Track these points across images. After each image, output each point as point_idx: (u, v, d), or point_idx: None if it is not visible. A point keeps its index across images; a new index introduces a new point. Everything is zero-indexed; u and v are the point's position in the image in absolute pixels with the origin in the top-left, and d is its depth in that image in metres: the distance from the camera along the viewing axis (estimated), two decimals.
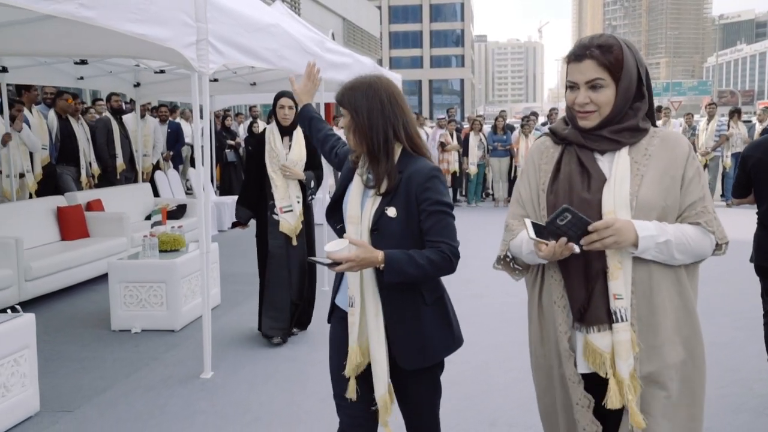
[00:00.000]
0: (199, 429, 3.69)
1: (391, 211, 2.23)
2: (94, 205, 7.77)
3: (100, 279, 6.85)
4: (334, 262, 2.13)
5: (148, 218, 8.62)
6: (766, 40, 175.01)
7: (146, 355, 4.89)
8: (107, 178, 9.37)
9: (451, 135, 13.87)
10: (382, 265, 2.16)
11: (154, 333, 5.36)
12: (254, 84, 9.17)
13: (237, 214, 5.12)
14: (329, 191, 8.57)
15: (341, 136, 2.71)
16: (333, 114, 15.83)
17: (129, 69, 8.08)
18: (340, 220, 2.38)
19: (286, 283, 4.96)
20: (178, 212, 8.97)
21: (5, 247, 5.90)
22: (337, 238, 2.25)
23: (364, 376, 2.33)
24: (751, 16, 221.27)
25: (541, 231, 1.88)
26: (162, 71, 7.76)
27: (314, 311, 5.32)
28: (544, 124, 14.75)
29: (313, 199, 5.10)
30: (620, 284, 1.90)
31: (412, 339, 2.28)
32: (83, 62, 6.92)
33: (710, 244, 1.95)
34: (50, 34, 4.75)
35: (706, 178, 2.04)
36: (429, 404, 2.43)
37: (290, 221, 4.88)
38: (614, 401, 1.92)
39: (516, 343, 4.86)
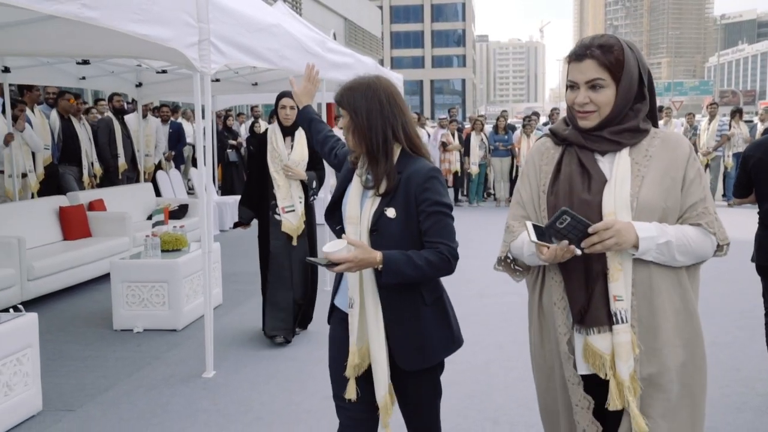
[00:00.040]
0: (201, 428, 3.70)
1: (390, 212, 2.22)
2: (96, 205, 7.79)
3: (102, 279, 6.87)
4: (332, 262, 2.12)
5: (149, 218, 8.63)
6: None
7: (148, 354, 4.90)
8: (109, 178, 9.39)
9: (453, 135, 13.87)
10: (380, 266, 2.15)
11: (156, 332, 5.37)
12: (256, 84, 9.19)
13: (239, 214, 5.14)
14: (331, 191, 8.55)
15: (341, 137, 2.72)
16: (335, 114, 15.83)
17: (131, 69, 8.10)
18: (340, 221, 2.37)
19: (288, 283, 4.97)
20: (179, 212, 8.99)
21: (8, 246, 5.92)
22: (336, 239, 2.25)
23: (364, 376, 2.32)
24: (752, 15, 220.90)
25: (543, 233, 1.87)
26: (164, 71, 7.77)
27: (315, 311, 5.34)
28: (545, 124, 14.75)
29: (315, 199, 5.10)
30: (620, 286, 1.89)
31: (411, 339, 2.27)
32: (85, 62, 6.93)
33: (711, 245, 1.94)
34: (53, 35, 4.77)
35: (707, 179, 2.03)
36: (429, 405, 2.43)
37: (292, 221, 4.88)
38: (615, 402, 1.92)
39: (517, 342, 4.87)
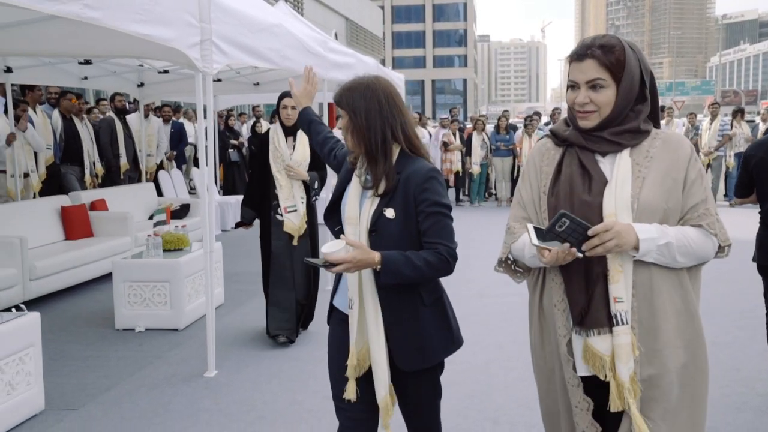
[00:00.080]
0: (203, 427, 3.71)
1: (390, 212, 2.22)
2: (98, 205, 7.80)
3: (104, 278, 6.88)
4: (330, 263, 2.12)
5: (150, 218, 8.64)
6: None
7: (150, 353, 4.91)
8: (111, 177, 9.41)
9: (454, 135, 13.88)
10: (378, 267, 2.15)
11: (158, 332, 5.38)
12: (257, 84, 9.20)
13: (241, 214, 5.15)
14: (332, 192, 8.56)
15: (341, 138, 2.72)
16: (336, 114, 15.84)
17: (133, 69, 8.11)
18: (339, 221, 2.37)
19: (290, 284, 4.97)
20: (181, 212, 9.02)
21: (10, 246, 5.93)
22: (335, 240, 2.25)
23: (364, 377, 2.32)
24: (754, 15, 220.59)
25: (544, 236, 1.86)
26: (166, 71, 7.78)
27: (316, 310, 5.34)
28: (547, 124, 14.76)
29: (317, 199, 5.11)
30: (621, 287, 1.89)
31: (410, 340, 2.27)
32: (87, 62, 6.94)
33: (713, 246, 1.93)
34: (55, 35, 4.78)
35: (708, 180, 2.02)
36: (429, 405, 2.42)
37: (294, 221, 4.89)
38: (616, 404, 1.91)
39: (518, 342, 4.87)
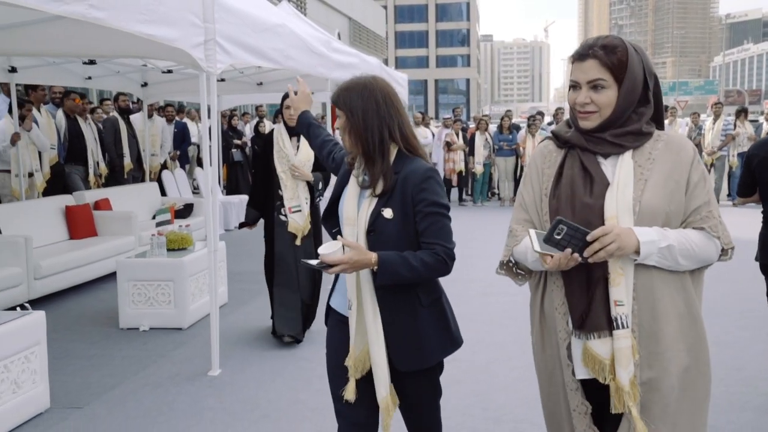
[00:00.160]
0: (207, 425, 3.73)
1: (388, 212, 2.21)
2: (102, 204, 7.83)
3: (108, 277, 6.91)
4: (327, 264, 2.12)
5: (154, 217, 8.66)
6: None
7: (154, 352, 4.93)
8: (115, 177, 9.43)
9: (457, 134, 13.88)
10: (375, 267, 2.15)
11: (162, 331, 5.40)
12: (261, 84, 9.23)
13: (246, 214, 5.17)
14: None
15: (339, 141, 2.72)
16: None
17: (136, 69, 8.13)
18: (337, 223, 2.37)
19: (295, 284, 4.97)
20: (184, 211, 9.04)
21: (15, 245, 5.96)
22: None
23: (364, 378, 2.31)
24: (758, 15, 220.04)
25: (546, 242, 1.85)
26: (169, 71, 7.81)
27: (319, 310, 5.35)
28: (550, 124, 14.77)
29: (321, 200, 5.12)
30: (622, 290, 1.87)
31: (408, 341, 2.26)
32: (92, 62, 6.97)
33: (715, 249, 1.92)
34: (59, 35, 4.80)
35: (711, 182, 2.01)
36: (429, 405, 2.42)
37: (299, 221, 4.90)
38: (616, 407, 1.91)
39: (520, 341, 4.88)
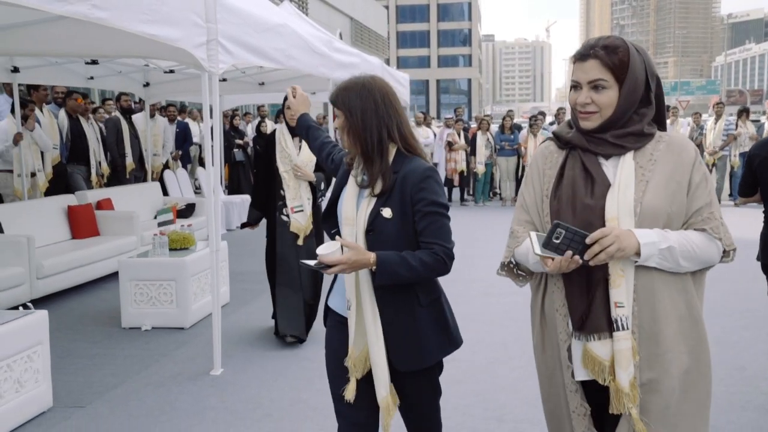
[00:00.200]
0: (209, 424, 3.73)
1: (387, 212, 2.21)
2: (104, 204, 7.84)
3: (110, 277, 6.92)
4: (326, 265, 2.12)
5: (156, 217, 8.67)
6: None
7: (156, 352, 4.94)
8: (117, 177, 9.45)
9: (459, 134, 13.89)
10: (374, 267, 2.14)
11: (164, 330, 5.41)
12: (263, 84, 9.24)
13: (248, 215, 5.17)
14: None
15: (338, 143, 2.72)
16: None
17: (138, 69, 8.14)
18: (336, 224, 2.36)
19: (297, 285, 4.97)
20: (186, 211, 9.05)
21: (17, 245, 5.97)
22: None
23: (364, 379, 2.31)
24: (760, 15, 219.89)
25: (546, 245, 1.85)
26: (171, 71, 7.82)
27: (320, 309, 5.35)
28: (551, 124, 14.77)
29: (323, 200, 5.13)
30: (622, 292, 1.87)
31: (407, 340, 2.26)
32: (94, 62, 6.98)
33: (717, 250, 1.91)
34: (62, 35, 4.81)
35: (713, 183, 2.01)
36: (429, 405, 2.42)
37: (301, 221, 4.91)
38: (617, 408, 1.90)
39: (522, 341, 4.89)
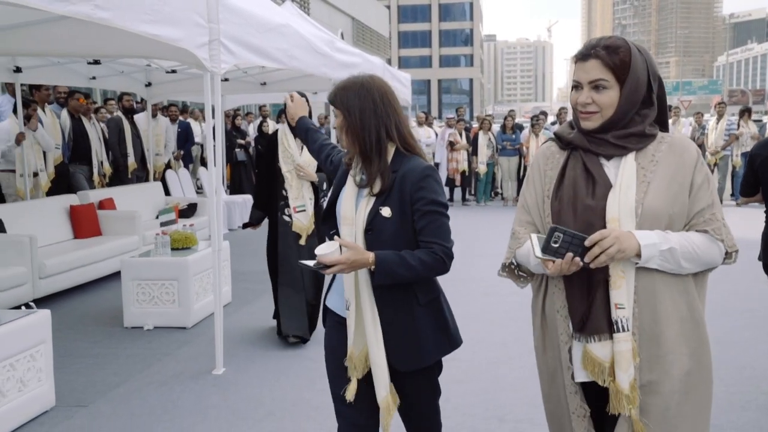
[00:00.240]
0: (211, 423, 3.74)
1: (386, 211, 2.21)
2: (106, 204, 7.86)
3: (112, 277, 6.93)
4: (324, 265, 2.11)
5: (157, 217, 8.68)
6: None
7: (159, 351, 4.95)
8: (119, 177, 9.46)
9: (460, 134, 13.89)
10: (373, 267, 2.14)
11: (166, 330, 5.42)
12: (264, 84, 9.25)
13: (250, 215, 5.19)
14: None
15: (337, 144, 2.73)
16: None
17: (140, 69, 8.16)
18: (335, 225, 2.36)
19: (300, 285, 4.97)
20: (188, 211, 9.06)
21: (19, 245, 5.98)
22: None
23: (364, 379, 2.31)
24: (762, 15, 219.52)
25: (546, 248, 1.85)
26: (173, 71, 7.82)
27: (321, 310, 5.36)
28: (553, 123, 14.76)
29: (325, 200, 5.13)
30: (623, 293, 1.86)
31: (405, 340, 2.25)
32: (96, 62, 6.99)
33: (719, 252, 1.90)
34: (64, 35, 4.82)
35: (715, 185, 2.00)
36: (428, 405, 2.42)
37: (303, 221, 4.91)
38: (616, 408, 1.90)
39: (523, 341, 4.89)
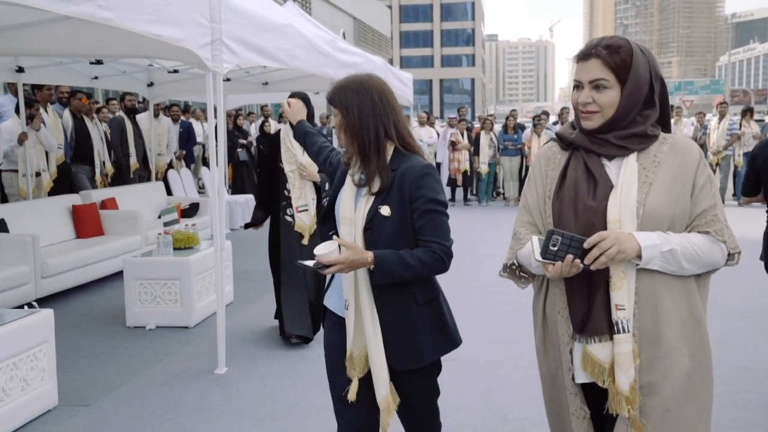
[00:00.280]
0: (213, 422, 3.75)
1: (385, 210, 2.20)
2: (109, 204, 7.87)
3: (114, 276, 6.94)
4: (323, 265, 2.11)
5: (160, 217, 8.69)
6: None
7: (161, 350, 4.96)
8: (121, 176, 9.48)
9: (462, 134, 13.89)
10: (371, 266, 2.14)
11: (169, 329, 5.43)
12: (266, 83, 9.25)
13: (253, 215, 5.19)
14: None
15: (335, 146, 2.73)
16: None
17: (143, 69, 8.16)
18: (334, 225, 2.36)
19: (302, 284, 4.98)
20: (190, 210, 9.08)
21: (22, 244, 6.00)
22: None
23: (364, 379, 2.31)
24: (764, 14, 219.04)
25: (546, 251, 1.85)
26: (175, 71, 7.83)
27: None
28: (555, 123, 14.76)
29: (327, 200, 5.13)
30: (623, 294, 1.85)
31: (404, 339, 2.25)
32: (98, 62, 6.99)
33: (721, 253, 1.88)
34: (66, 35, 4.83)
35: (717, 185, 2.00)
36: (427, 404, 2.42)
37: (305, 221, 4.92)
38: (616, 409, 1.90)
39: (525, 340, 4.89)
